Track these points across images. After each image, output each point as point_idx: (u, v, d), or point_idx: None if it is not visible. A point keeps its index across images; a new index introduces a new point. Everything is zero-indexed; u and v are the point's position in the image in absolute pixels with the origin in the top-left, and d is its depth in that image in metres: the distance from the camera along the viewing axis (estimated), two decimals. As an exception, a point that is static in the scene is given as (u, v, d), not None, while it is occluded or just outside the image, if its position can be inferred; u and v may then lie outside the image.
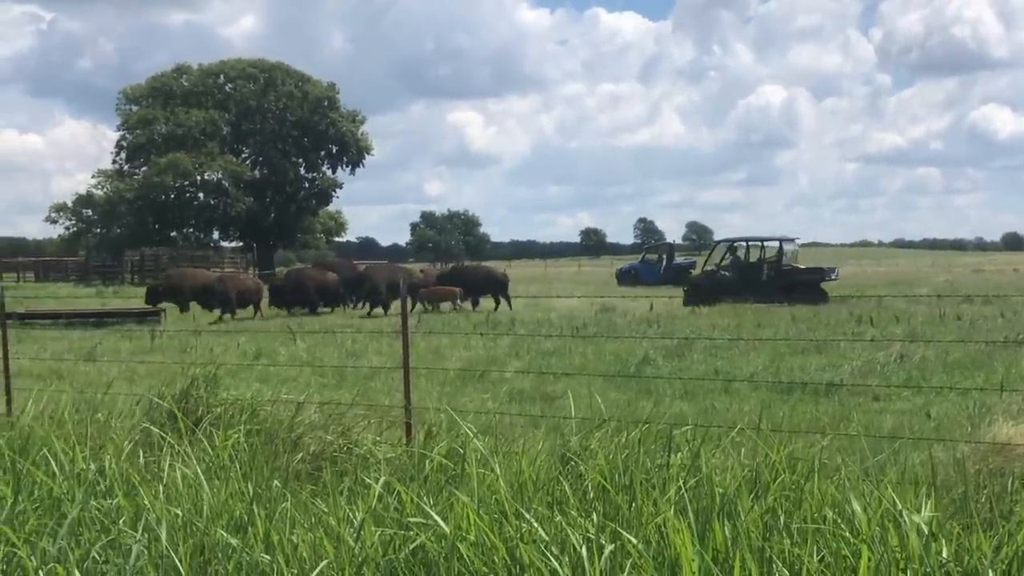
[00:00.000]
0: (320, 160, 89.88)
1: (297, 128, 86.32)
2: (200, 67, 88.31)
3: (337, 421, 8.27)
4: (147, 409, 8.64)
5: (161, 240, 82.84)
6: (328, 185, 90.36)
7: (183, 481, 6.15)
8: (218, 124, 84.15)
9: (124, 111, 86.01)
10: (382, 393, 13.01)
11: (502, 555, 4.86)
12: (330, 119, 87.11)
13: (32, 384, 12.74)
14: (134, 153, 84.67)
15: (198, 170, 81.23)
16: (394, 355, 17.19)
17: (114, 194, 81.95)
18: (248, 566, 5.14)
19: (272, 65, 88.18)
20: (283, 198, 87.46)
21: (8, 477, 6.49)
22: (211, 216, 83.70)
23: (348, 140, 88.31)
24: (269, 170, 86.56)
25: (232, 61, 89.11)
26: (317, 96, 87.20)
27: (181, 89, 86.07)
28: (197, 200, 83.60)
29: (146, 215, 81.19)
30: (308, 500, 6.09)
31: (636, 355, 17.25)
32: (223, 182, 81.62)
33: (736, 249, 37.72)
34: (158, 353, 19.34)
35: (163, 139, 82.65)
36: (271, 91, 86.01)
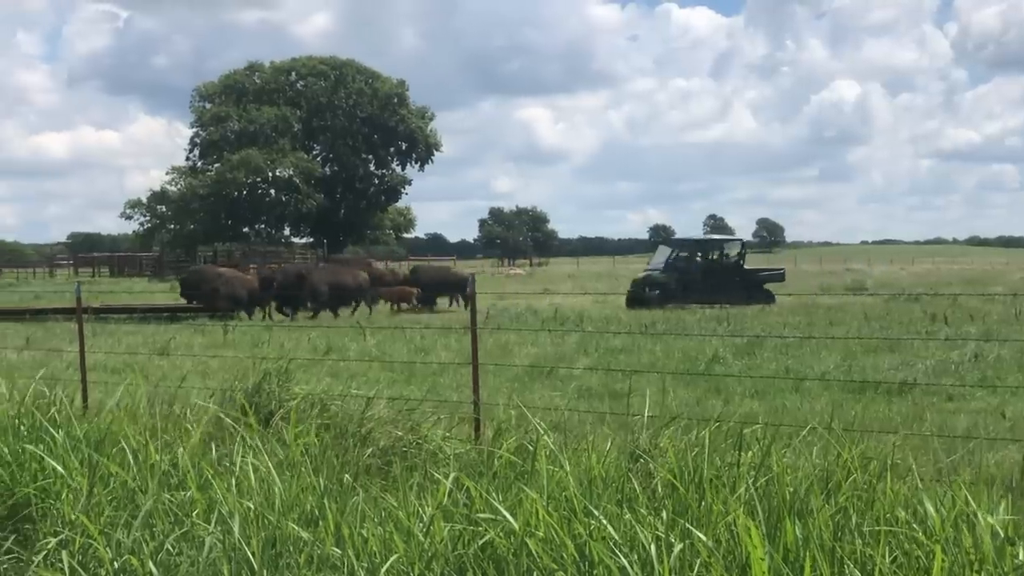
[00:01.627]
0: (389, 157, 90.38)
1: (367, 125, 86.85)
2: (272, 64, 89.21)
3: (406, 416, 8.30)
4: (220, 403, 8.73)
5: (233, 236, 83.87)
6: (397, 181, 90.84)
7: (255, 474, 6.21)
8: (289, 121, 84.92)
9: (198, 108, 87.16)
10: (450, 389, 13.06)
11: (571, 552, 4.85)
12: (400, 116, 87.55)
13: (107, 377, 12.97)
14: (207, 150, 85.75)
15: (270, 167, 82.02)
16: (462, 351, 17.23)
17: (188, 190, 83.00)
18: (319, 559, 5.19)
19: (343, 62, 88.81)
20: (353, 194, 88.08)
21: (84, 469, 6.60)
22: (282, 212, 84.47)
23: (417, 137, 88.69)
24: (339, 167, 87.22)
25: (303, 58, 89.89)
26: (387, 93, 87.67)
27: (253, 86, 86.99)
28: (269, 196, 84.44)
29: (219, 211, 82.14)
30: (378, 495, 6.12)
31: (706, 353, 17.15)
32: (294, 179, 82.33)
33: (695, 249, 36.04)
34: (230, 348, 19.56)
35: (236, 136, 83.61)
36: (342, 88, 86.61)
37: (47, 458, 6.71)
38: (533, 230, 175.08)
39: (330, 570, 5.12)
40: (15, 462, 6.79)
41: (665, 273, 34.06)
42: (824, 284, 43.62)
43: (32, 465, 6.74)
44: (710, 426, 6.67)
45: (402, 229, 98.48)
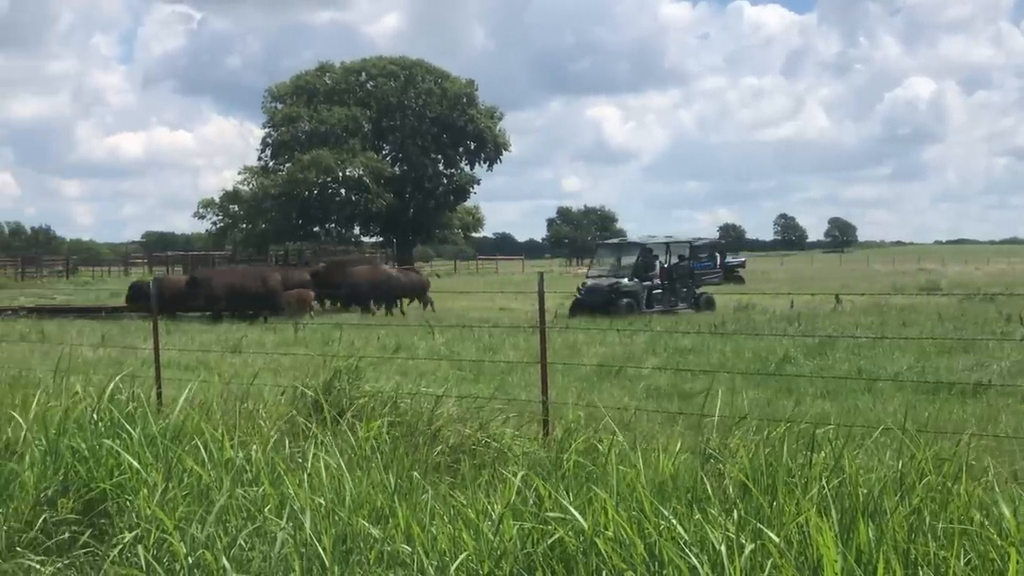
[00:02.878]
0: (458, 156, 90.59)
1: (436, 125, 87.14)
2: (343, 65, 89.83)
3: (475, 415, 8.33)
4: (292, 400, 8.82)
5: (304, 235, 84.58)
6: (466, 181, 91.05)
7: (326, 471, 6.27)
8: (359, 121, 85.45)
9: (269, 109, 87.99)
10: (519, 387, 13.09)
11: (640, 552, 4.84)
12: (468, 115, 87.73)
13: (180, 375, 13.14)
14: (279, 150, 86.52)
15: (340, 166, 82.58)
16: (530, 350, 17.25)
17: (259, 190, 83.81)
18: (389, 557, 5.22)
19: (412, 62, 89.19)
20: (422, 194, 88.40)
21: (160, 465, 6.70)
22: (352, 211, 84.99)
23: (486, 136, 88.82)
24: (408, 166, 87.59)
25: (373, 59, 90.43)
26: (456, 93, 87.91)
27: (324, 87, 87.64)
28: (339, 196, 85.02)
29: (290, 211, 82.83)
30: (447, 492, 6.15)
31: (776, 353, 17.02)
32: (364, 178, 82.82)
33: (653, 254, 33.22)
34: (301, 345, 19.74)
35: (307, 136, 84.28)
36: (411, 88, 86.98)
37: (123, 453, 6.82)
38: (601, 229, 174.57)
39: (400, 567, 5.16)
40: (92, 458, 6.90)
41: (634, 280, 31.52)
42: (896, 284, 43.05)
43: (109, 461, 6.85)
44: (781, 427, 6.62)
45: (470, 228, 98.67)
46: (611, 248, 36.11)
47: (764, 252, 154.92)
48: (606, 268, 33.19)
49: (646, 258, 32.62)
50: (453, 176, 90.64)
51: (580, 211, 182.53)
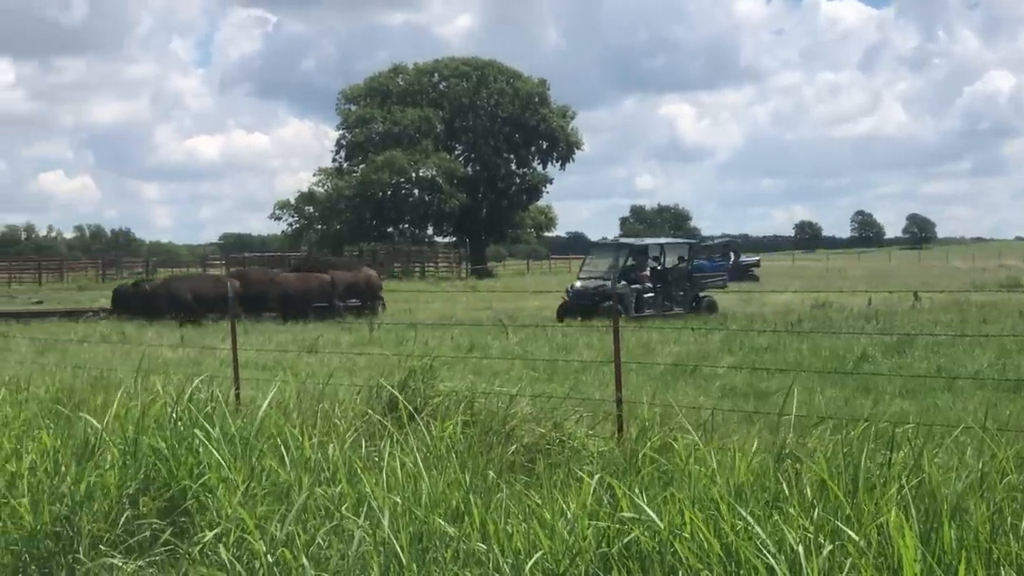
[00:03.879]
0: (531, 156, 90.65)
1: (508, 124, 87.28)
2: (415, 66, 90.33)
3: (549, 414, 8.33)
4: (367, 399, 8.88)
5: (378, 236, 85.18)
6: (538, 180, 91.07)
7: (402, 470, 6.31)
8: (432, 122, 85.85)
9: (344, 111, 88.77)
10: (593, 387, 13.07)
11: (716, 552, 4.82)
12: (541, 115, 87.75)
13: (258, 374, 13.30)
14: (353, 151, 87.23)
15: (413, 167, 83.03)
16: (604, 349, 17.21)
17: (334, 191, 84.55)
18: (465, 554, 5.24)
19: (484, 63, 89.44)
20: (495, 193, 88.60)
21: (239, 464, 6.78)
22: (425, 212, 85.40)
23: (558, 135, 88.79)
24: (481, 166, 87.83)
25: (446, 60, 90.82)
26: (528, 92, 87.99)
27: (397, 88, 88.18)
28: (412, 196, 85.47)
29: (364, 211, 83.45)
30: (522, 491, 6.16)
31: (854, 351, 16.83)
32: (437, 179, 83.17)
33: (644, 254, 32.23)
34: (376, 345, 19.89)
35: (380, 137, 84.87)
36: (483, 88, 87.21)
37: (203, 452, 6.91)
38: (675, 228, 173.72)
39: (475, 565, 5.17)
40: (172, 457, 7.00)
41: (620, 283, 29.62)
42: (976, 281, 42.35)
43: (189, 460, 6.94)
44: (860, 426, 6.55)
45: (543, 228, 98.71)
46: (603, 249, 34.86)
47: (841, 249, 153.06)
48: (598, 270, 31.88)
49: (636, 260, 31.57)
50: (525, 176, 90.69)
51: (653, 210, 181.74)
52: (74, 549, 6.37)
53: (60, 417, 8.40)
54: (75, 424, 7.86)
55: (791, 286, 36.91)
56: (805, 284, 41.35)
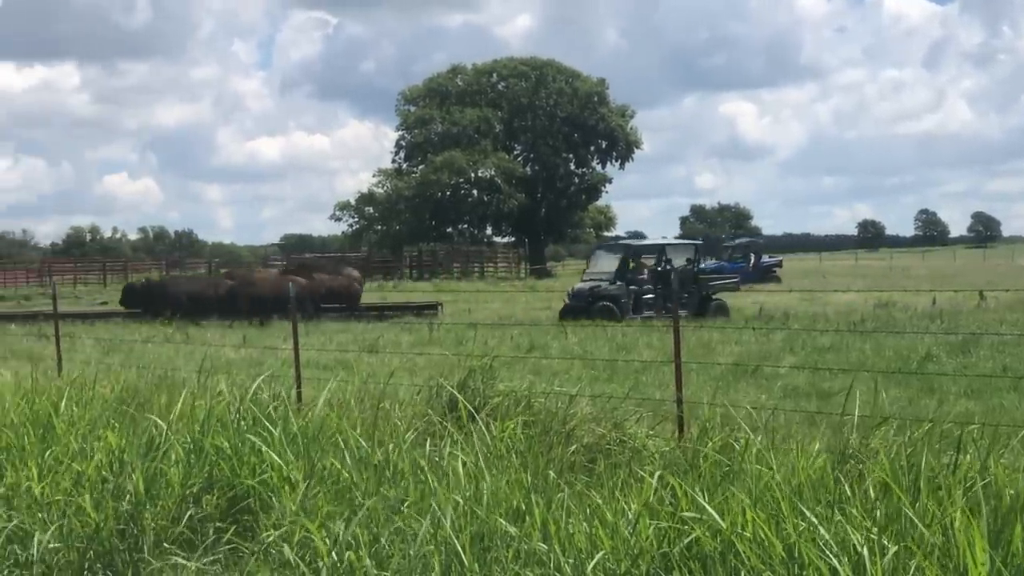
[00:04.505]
0: (590, 155, 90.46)
1: (567, 124, 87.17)
2: (474, 67, 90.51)
3: (609, 414, 8.31)
4: (427, 399, 8.91)
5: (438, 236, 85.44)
6: (597, 180, 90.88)
7: (463, 469, 6.32)
8: (491, 122, 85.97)
9: (403, 112, 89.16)
10: (653, 387, 13.01)
11: (779, 552, 4.78)
12: (600, 114, 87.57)
13: (319, 374, 13.38)
14: (412, 152, 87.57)
15: (472, 167, 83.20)
16: (664, 349, 17.15)
17: (393, 192, 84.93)
18: (526, 554, 5.24)
19: (543, 62, 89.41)
20: (553, 193, 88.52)
21: (301, 463, 6.83)
22: (484, 212, 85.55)
23: (618, 135, 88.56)
24: (540, 166, 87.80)
25: (504, 60, 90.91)
26: (587, 92, 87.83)
27: (456, 89, 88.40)
28: (471, 197, 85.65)
29: (423, 212, 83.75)
30: (582, 491, 6.15)
31: (918, 351, 16.64)
32: (496, 179, 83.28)
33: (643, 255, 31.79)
34: (436, 345, 19.95)
35: (439, 138, 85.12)
36: (542, 88, 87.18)
37: (266, 451, 6.97)
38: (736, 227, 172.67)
39: (536, 565, 5.17)
40: (235, 456, 7.06)
41: (617, 284, 29.65)
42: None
43: (251, 459, 7.01)
44: (924, 426, 6.47)
45: (603, 227, 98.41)
46: (607, 250, 34.15)
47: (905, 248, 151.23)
48: (601, 271, 31.38)
49: (635, 261, 31.13)
50: (584, 175, 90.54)
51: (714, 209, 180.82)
52: (138, 547, 6.45)
53: (125, 416, 8.51)
54: (140, 423, 7.95)
55: (854, 285, 36.53)
56: (868, 283, 40.94)
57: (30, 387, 9.67)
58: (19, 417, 8.59)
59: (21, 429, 8.28)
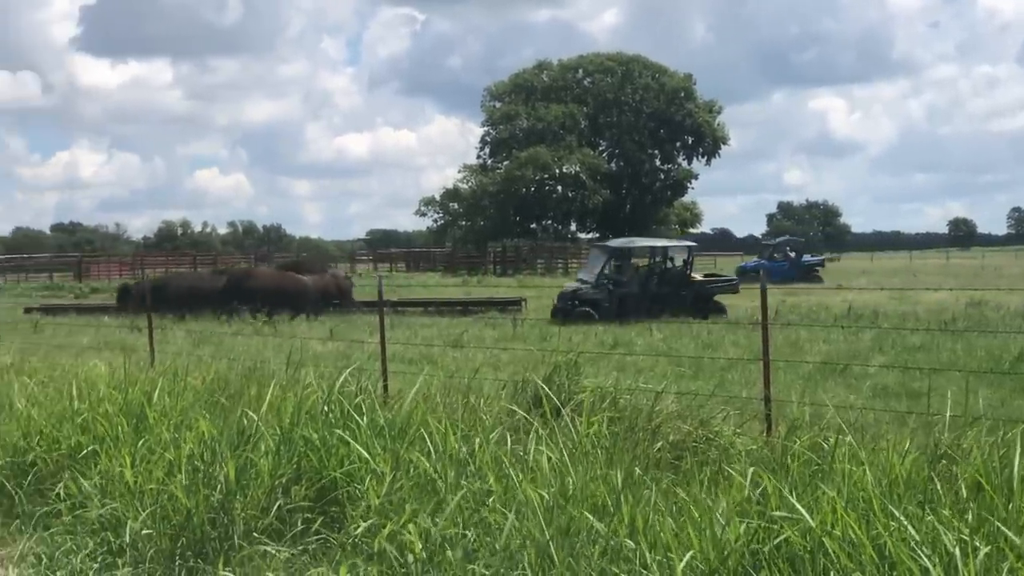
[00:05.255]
0: (676, 151, 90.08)
1: (653, 120, 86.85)
2: (560, 62, 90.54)
3: (695, 412, 8.26)
4: (512, 394, 8.92)
5: (522, 232, 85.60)
6: (683, 176, 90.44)
7: (548, 464, 6.32)
8: (576, 118, 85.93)
9: (488, 108, 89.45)
10: (739, 385, 12.91)
11: (869, 552, 4.72)
12: (686, 110, 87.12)
13: (404, 368, 13.48)
14: (497, 148, 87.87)
15: (557, 163, 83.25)
16: (750, 347, 17.02)
17: (478, 188, 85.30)
18: (612, 550, 5.23)
19: (629, 58, 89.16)
20: (638, 189, 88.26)
21: (387, 455, 6.89)
22: (569, 208, 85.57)
23: (704, 130, 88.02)
24: (625, 162, 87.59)
25: (591, 55, 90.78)
26: (674, 87, 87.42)
27: (542, 84, 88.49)
28: (555, 193, 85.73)
29: (508, 208, 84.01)
30: (669, 488, 6.12)
31: (1010, 351, 16.31)
32: (580, 175, 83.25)
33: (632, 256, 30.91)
34: (520, 341, 19.95)
35: (524, 134, 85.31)
36: (628, 84, 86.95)
37: (353, 444, 7.04)
38: (824, 224, 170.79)
39: (623, 561, 5.16)
40: (323, 447, 7.15)
41: (596, 287, 28.79)
42: None
43: (339, 450, 7.08)
44: (1018, 427, 6.34)
45: (688, 224, 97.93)
46: (600, 250, 32.96)
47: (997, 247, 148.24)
48: (590, 272, 30.53)
49: (620, 262, 30.33)
50: (670, 171, 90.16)
51: (802, 206, 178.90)
52: (229, 536, 6.55)
53: (216, 407, 8.64)
54: (230, 414, 8.07)
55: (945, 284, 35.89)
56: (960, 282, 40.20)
57: (124, 378, 9.84)
58: (113, 407, 8.76)
59: (115, 419, 8.45)
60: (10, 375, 12.20)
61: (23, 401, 9.71)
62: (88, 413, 8.72)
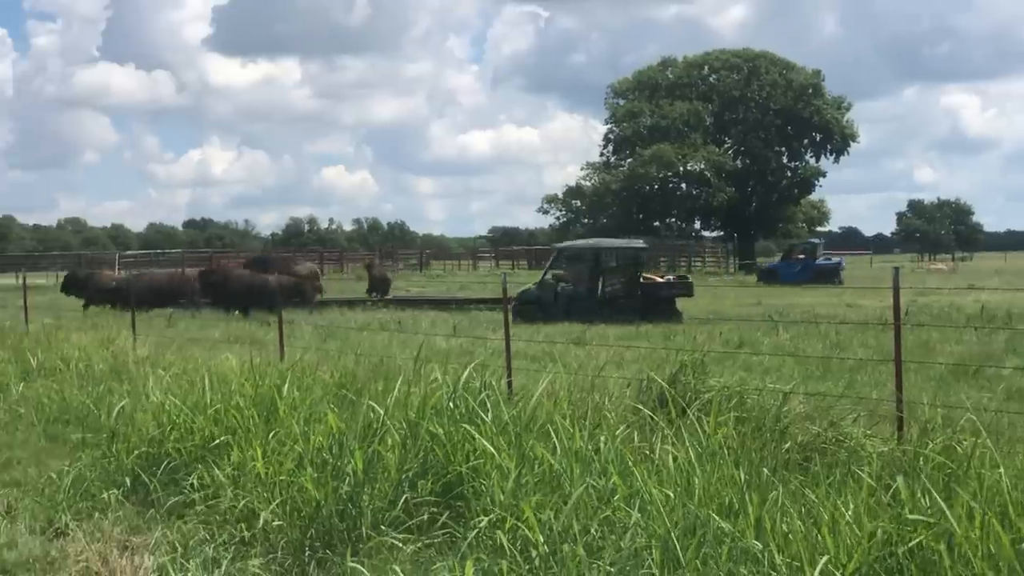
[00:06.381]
0: (803, 148, 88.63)
1: (780, 117, 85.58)
2: (685, 59, 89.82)
3: (824, 413, 8.14)
4: (636, 392, 8.89)
5: (645, 230, 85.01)
6: (811, 174, 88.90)
7: (673, 464, 6.28)
8: (701, 115, 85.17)
9: (612, 105, 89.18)
10: (868, 386, 12.66)
11: (1009, 556, 4.59)
12: (814, 106, 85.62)
13: (527, 365, 13.51)
14: (620, 145, 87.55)
15: (681, 161, 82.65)
16: (880, 348, 16.68)
17: (601, 185, 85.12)
18: (740, 551, 5.18)
19: (756, 54, 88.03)
20: (764, 187, 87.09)
21: (512, 451, 6.91)
22: (693, 206, 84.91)
23: (832, 127, 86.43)
24: (751, 159, 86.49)
25: (716, 52, 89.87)
26: (801, 83, 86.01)
27: (666, 82, 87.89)
28: (679, 190, 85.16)
29: (631, 206, 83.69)
30: (797, 490, 6.04)
31: None
32: (705, 172, 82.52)
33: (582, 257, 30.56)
34: (643, 339, 19.86)
35: (648, 131, 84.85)
36: (755, 80, 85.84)
37: (478, 438, 7.08)
38: (956, 223, 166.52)
39: (751, 563, 5.11)
40: (449, 442, 7.21)
41: (542, 286, 28.94)
42: None
43: (465, 445, 7.13)
44: None
45: (815, 223, 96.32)
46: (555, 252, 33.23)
47: None
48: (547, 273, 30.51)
49: (568, 263, 30.46)
50: (797, 169, 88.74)
51: (933, 204, 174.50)
52: (356, 528, 6.64)
53: (344, 401, 8.77)
54: (358, 408, 8.17)
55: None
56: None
57: (254, 371, 10.04)
58: (245, 400, 8.95)
59: (247, 411, 8.63)
60: (146, 368, 12.57)
61: (158, 393, 9.97)
62: (220, 405, 8.91)
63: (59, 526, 7.67)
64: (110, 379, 12.35)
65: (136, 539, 7.29)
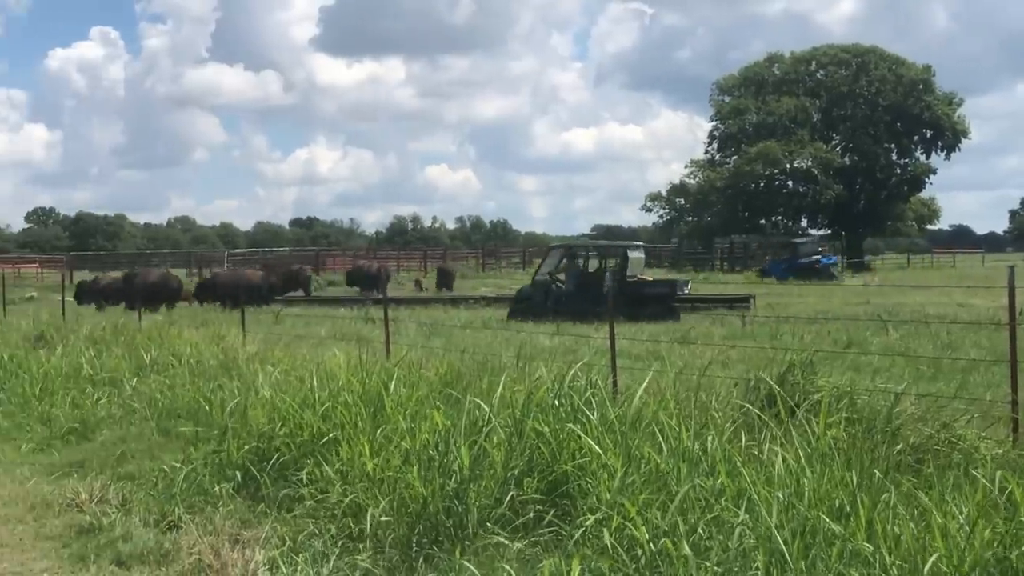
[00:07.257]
0: (913, 145, 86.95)
1: (889, 113, 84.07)
2: (792, 55, 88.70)
3: (936, 414, 7.98)
4: (744, 392, 8.80)
5: (750, 228, 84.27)
6: (921, 171, 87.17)
7: (783, 465, 6.21)
8: (808, 111, 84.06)
9: (717, 102, 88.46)
10: (982, 387, 12.38)
11: None
12: (924, 102, 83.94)
13: (631, 364, 13.47)
14: (725, 143, 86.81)
15: (787, 158, 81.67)
16: (993, 349, 16.29)
17: (706, 183, 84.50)
18: (850, 554, 5.10)
19: (865, 49, 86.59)
20: (873, 185, 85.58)
21: (618, 450, 6.90)
22: (799, 204, 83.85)
23: (943, 123, 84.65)
24: (859, 156, 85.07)
25: (824, 47, 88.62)
26: (911, 79, 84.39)
27: (772, 78, 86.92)
28: (786, 188, 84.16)
29: (736, 203, 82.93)
30: (910, 492, 5.93)
31: None
32: (812, 169, 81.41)
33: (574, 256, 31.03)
34: (749, 339, 19.66)
35: (754, 128, 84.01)
36: (863, 76, 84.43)
37: (584, 437, 7.07)
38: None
39: (862, 565, 5.03)
40: (555, 440, 7.21)
41: (534, 286, 29.81)
42: None
43: (570, 444, 7.13)
44: None
45: (925, 220, 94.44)
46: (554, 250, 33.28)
47: None
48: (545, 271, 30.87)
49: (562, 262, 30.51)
50: (907, 166, 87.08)
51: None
52: (463, 525, 6.68)
53: (449, 398, 8.82)
54: (463, 405, 8.22)
55: None
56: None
57: (361, 368, 10.15)
58: (352, 396, 9.05)
59: (354, 408, 8.73)
60: (255, 364, 12.77)
61: (267, 389, 10.14)
62: (328, 401, 9.02)
63: (172, 519, 7.84)
64: (220, 375, 12.57)
65: (247, 532, 7.42)
